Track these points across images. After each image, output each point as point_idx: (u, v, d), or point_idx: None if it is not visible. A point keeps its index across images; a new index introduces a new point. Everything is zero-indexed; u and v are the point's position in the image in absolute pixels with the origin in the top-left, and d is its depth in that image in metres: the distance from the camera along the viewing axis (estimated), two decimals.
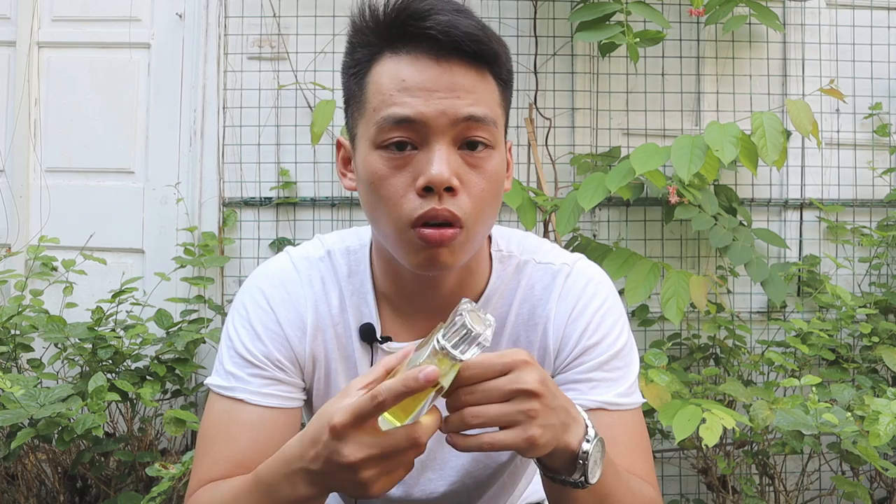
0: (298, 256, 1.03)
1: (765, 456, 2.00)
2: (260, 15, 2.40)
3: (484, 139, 0.87)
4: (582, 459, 0.79)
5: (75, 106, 2.45)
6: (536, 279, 1.01)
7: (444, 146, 0.85)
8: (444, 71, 0.85)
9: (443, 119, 0.85)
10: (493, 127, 0.87)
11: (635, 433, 0.97)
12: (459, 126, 0.85)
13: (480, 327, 0.72)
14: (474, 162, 0.87)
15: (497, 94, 0.90)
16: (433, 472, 1.04)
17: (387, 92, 0.86)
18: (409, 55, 0.86)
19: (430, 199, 0.85)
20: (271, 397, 0.96)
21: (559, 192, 2.35)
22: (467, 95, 0.85)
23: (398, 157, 0.86)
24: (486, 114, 0.87)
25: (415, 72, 0.85)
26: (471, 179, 0.87)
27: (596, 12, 2.11)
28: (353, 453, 0.72)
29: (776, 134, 1.94)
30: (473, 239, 0.89)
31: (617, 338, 0.98)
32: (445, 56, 0.85)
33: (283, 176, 2.39)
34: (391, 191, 0.87)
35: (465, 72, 0.86)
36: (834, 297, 2.09)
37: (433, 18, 0.85)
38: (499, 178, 0.90)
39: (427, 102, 0.85)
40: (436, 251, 0.86)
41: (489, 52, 0.87)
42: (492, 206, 0.90)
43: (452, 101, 0.85)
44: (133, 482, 2.03)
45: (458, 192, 0.86)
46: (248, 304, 1.00)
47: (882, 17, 2.47)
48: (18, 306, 2.07)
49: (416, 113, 0.85)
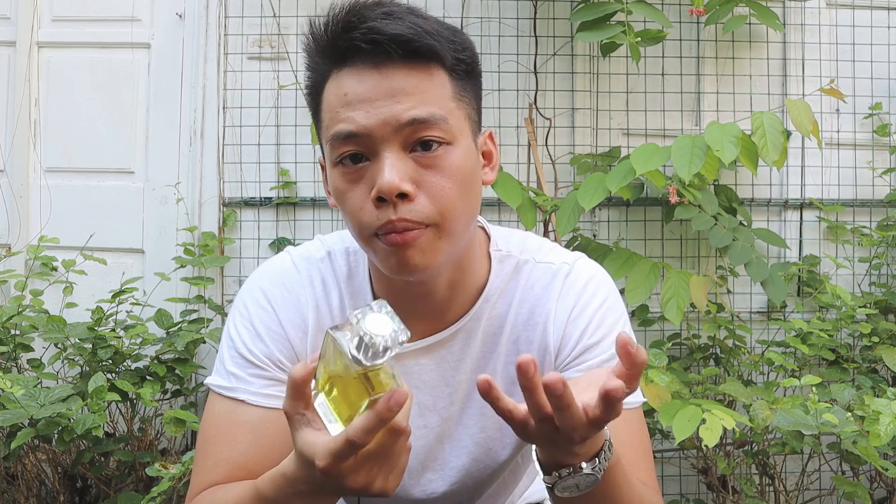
0: (299, 256, 1.02)
1: (765, 456, 2.00)
2: (260, 15, 2.39)
3: (436, 137, 0.86)
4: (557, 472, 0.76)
5: (75, 106, 2.45)
6: (536, 278, 1.00)
7: (393, 153, 0.85)
8: (384, 77, 0.85)
9: (386, 128, 0.84)
10: (443, 123, 0.86)
11: (636, 433, 0.97)
12: (405, 131, 0.85)
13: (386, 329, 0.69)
14: (429, 162, 0.86)
15: (448, 87, 0.88)
16: (433, 473, 1.04)
17: (333, 109, 0.87)
18: (351, 68, 0.86)
19: (386, 210, 0.85)
20: (272, 398, 0.96)
21: (559, 192, 2.35)
22: (408, 98, 0.84)
23: (353, 171, 0.87)
24: (433, 112, 0.85)
25: (356, 84, 0.86)
26: (428, 180, 0.86)
27: (596, 12, 2.10)
28: (355, 480, 0.73)
29: (776, 134, 1.94)
30: (449, 237, 0.88)
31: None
32: (382, 62, 0.85)
33: (283, 176, 2.39)
34: (351, 204, 0.88)
35: (404, 74, 0.85)
36: (834, 297, 2.09)
37: (360, 28, 0.84)
38: (462, 172, 0.88)
39: (368, 114, 0.84)
40: (404, 254, 0.86)
41: (424, 49, 0.85)
42: (462, 201, 0.88)
43: (392, 108, 0.84)
44: (133, 482, 2.03)
45: (413, 196, 0.85)
46: (250, 304, 1.00)
47: (882, 17, 2.47)
48: (18, 306, 2.07)
49: (358, 126, 0.85)
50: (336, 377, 0.73)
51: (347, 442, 0.69)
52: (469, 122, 0.91)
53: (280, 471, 0.79)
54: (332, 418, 0.75)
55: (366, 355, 0.68)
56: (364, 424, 0.69)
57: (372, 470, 0.73)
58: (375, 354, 0.68)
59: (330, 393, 0.75)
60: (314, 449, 0.72)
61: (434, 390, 1.00)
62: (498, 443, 1.02)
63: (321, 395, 0.75)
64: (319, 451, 0.72)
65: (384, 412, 0.68)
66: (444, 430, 1.02)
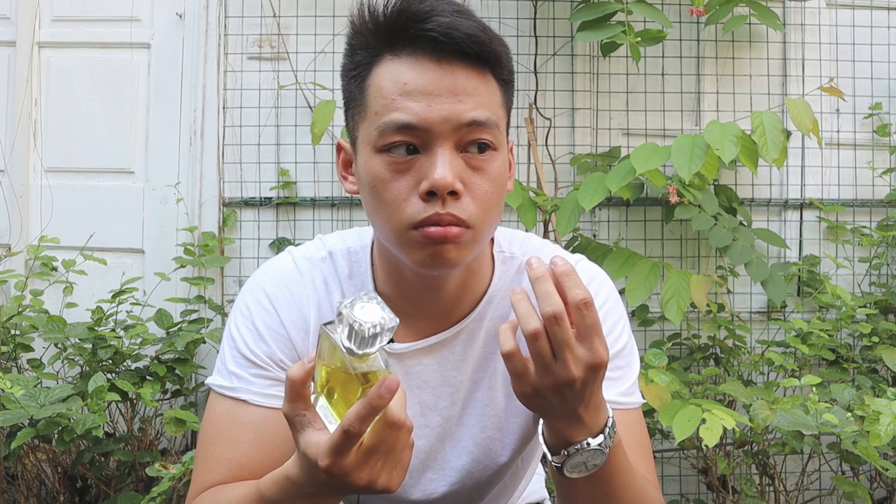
0: (300, 257, 1.02)
1: (765, 456, 2.00)
2: (260, 15, 2.40)
3: (487, 142, 0.86)
4: (568, 451, 0.80)
5: (75, 106, 2.45)
6: None
7: (447, 150, 0.84)
8: (446, 73, 0.84)
9: (446, 124, 0.84)
10: (495, 129, 0.87)
11: (636, 432, 0.97)
12: (462, 130, 0.85)
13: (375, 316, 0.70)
14: (478, 164, 0.86)
15: (499, 95, 0.89)
16: (433, 473, 1.04)
17: (388, 96, 0.85)
18: (410, 57, 0.85)
19: (434, 204, 0.84)
20: (274, 398, 0.95)
21: (559, 192, 2.35)
22: (469, 99, 0.85)
23: (400, 161, 0.86)
24: (489, 117, 0.86)
25: (416, 75, 0.84)
26: (474, 182, 0.86)
27: (597, 12, 2.11)
28: (359, 476, 0.73)
29: (776, 132, 1.94)
30: (480, 239, 0.89)
31: (618, 337, 0.98)
32: (447, 58, 0.84)
33: (283, 176, 2.39)
34: (393, 194, 0.86)
35: (466, 74, 0.85)
36: (834, 297, 2.09)
37: (434, 20, 0.84)
38: (502, 179, 0.89)
39: (429, 107, 0.84)
40: (440, 248, 0.86)
41: (491, 53, 0.86)
42: (497, 207, 0.90)
43: (454, 106, 0.84)
44: (133, 482, 2.03)
45: (461, 195, 0.85)
46: (251, 304, 0.99)
47: (882, 17, 2.47)
48: (18, 306, 2.08)
49: (418, 119, 0.84)
50: (333, 376, 0.73)
51: (344, 433, 0.70)
52: (506, 132, 0.93)
53: (283, 473, 0.79)
54: (332, 420, 0.75)
55: (357, 343, 0.69)
56: (357, 412, 0.70)
57: (375, 466, 0.73)
58: (365, 341, 0.69)
59: (330, 396, 0.75)
60: (317, 450, 0.73)
61: (436, 390, 1.00)
62: (498, 443, 1.02)
63: (321, 399, 0.75)
64: (321, 451, 0.72)
65: (375, 398, 0.69)
66: (445, 430, 1.02)
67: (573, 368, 0.75)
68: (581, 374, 0.76)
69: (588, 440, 0.79)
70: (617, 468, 0.84)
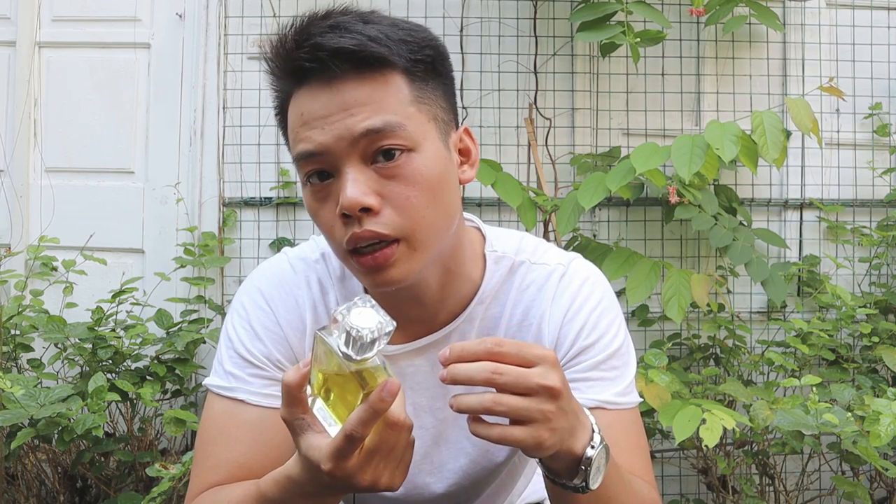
0: (296, 257, 1.02)
1: (765, 456, 2.00)
2: (260, 15, 2.40)
3: (395, 145, 0.83)
4: (585, 465, 0.77)
5: (75, 106, 2.45)
6: (531, 280, 0.99)
7: (353, 168, 0.83)
8: (335, 93, 0.83)
9: (341, 143, 0.83)
10: (400, 130, 0.83)
11: (633, 433, 0.97)
12: (361, 143, 0.83)
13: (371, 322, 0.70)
14: (391, 172, 0.84)
15: (405, 91, 0.85)
16: (430, 476, 1.03)
17: (294, 130, 0.86)
18: (307, 87, 0.85)
19: (351, 225, 0.84)
20: (272, 398, 0.95)
21: (559, 192, 2.35)
22: (361, 109, 0.83)
23: (321, 189, 0.86)
24: (387, 120, 0.83)
25: (311, 102, 0.85)
26: (392, 191, 0.84)
27: (597, 12, 2.11)
28: (361, 478, 0.73)
29: (776, 132, 1.94)
30: (421, 246, 0.86)
31: (614, 337, 0.97)
32: (333, 78, 0.83)
33: (283, 176, 2.39)
34: (323, 222, 0.87)
35: (355, 86, 0.83)
36: (834, 297, 2.09)
37: (304, 46, 0.83)
38: (429, 178, 0.85)
39: (323, 130, 0.83)
40: (379, 273, 0.86)
41: (370, 57, 0.83)
42: (431, 208, 0.86)
43: (345, 121, 0.83)
44: (133, 482, 2.03)
45: (378, 209, 0.83)
46: (248, 305, 0.99)
47: (882, 17, 2.47)
48: (18, 306, 2.08)
49: (315, 145, 0.84)
50: (331, 378, 0.73)
51: (346, 437, 0.70)
52: (435, 123, 0.88)
53: (285, 472, 0.79)
54: (331, 422, 0.75)
55: (355, 349, 0.69)
56: (359, 416, 0.69)
57: (378, 467, 0.73)
58: (364, 347, 0.69)
59: (327, 397, 0.75)
60: (319, 453, 0.73)
61: (429, 391, 1.00)
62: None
63: (319, 401, 0.75)
64: (324, 455, 0.72)
65: (377, 402, 0.69)
66: (439, 432, 1.02)
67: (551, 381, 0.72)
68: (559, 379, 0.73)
69: (592, 440, 0.78)
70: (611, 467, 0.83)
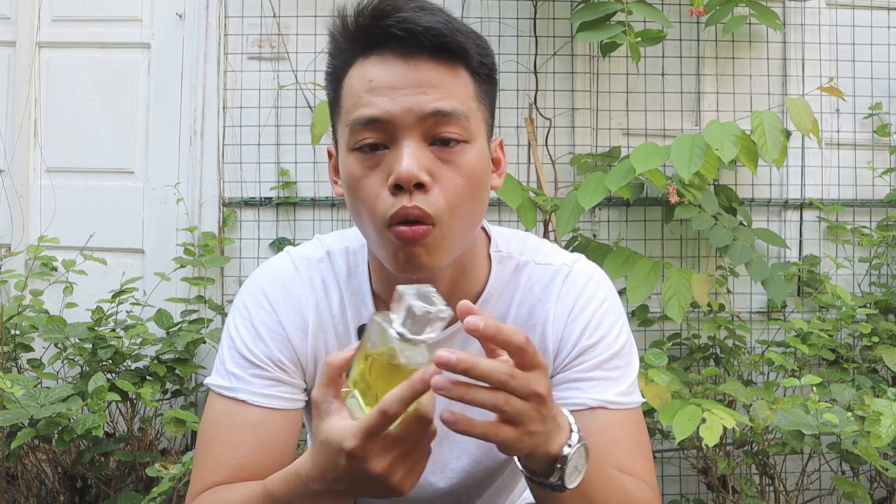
0: (299, 257, 1.02)
1: (765, 456, 2.00)
2: (260, 15, 2.40)
3: (455, 134, 0.86)
4: (560, 464, 0.77)
5: (75, 106, 2.45)
6: (535, 280, 1.00)
7: (413, 142, 0.85)
8: (411, 68, 0.85)
9: (409, 116, 0.84)
10: (464, 121, 0.87)
11: (635, 432, 0.97)
12: (428, 122, 0.85)
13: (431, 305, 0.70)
14: (447, 157, 0.86)
15: (471, 87, 0.89)
16: (433, 475, 1.03)
17: (356, 94, 0.87)
18: (378, 56, 0.87)
19: (401, 197, 0.84)
20: (273, 398, 0.96)
21: (559, 192, 2.35)
22: (434, 91, 0.85)
23: (371, 158, 0.87)
24: (456, 107, 0.86)
25: (382, 72, 0.86)
26: (444, 174, 0.86)
27: (597, 12, 2.11)
28: (378, 464, 0.72)
29: (776, 132, 1.94)
30: (451, 237, 0.88)
31: (616, 337, 0.98)
32: (412, 53, 0.85)
33: (283, 176, 2.39)
34: (366, 191, 0.87)
35: (431, 67, 0.86)
36: (834, 297, 2.09)
37: (394, 17, 0.85)
38: (476, 172, 0.88)
39: (393, 100, 0.85)
40: (412, 250, 0.86)
41: (454, 45, 0.86)
42: (470, 201, 0.88)
43: (418, 98, 0.85)
44: (133, 482, 2.03)
45: (429, 187, 0.85)
46: (250, 305, 0.99)
47: (882, 17, 2.47)
48: (18, 306, 2.08)
49: (382, 112, 0.85)
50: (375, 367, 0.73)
51: (381, 413, 0.69)
52: (485, 126, 0.92)
53: (293, 469, 0.79)
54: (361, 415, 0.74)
55: (411, 326, 0.69)
56: (398, 394, 0.69)
57: (396, 459, 0.72)
58: (420, 324, 0.69)
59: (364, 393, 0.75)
60: (344, 432, 0.72)
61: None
62: None
63: (355, 392, 0.75)
64: (350, 432, 0.71)
65: (418, 382, 0.68)
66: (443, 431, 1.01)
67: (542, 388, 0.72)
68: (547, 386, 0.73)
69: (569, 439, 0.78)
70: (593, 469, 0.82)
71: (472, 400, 0.71)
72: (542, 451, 0.76)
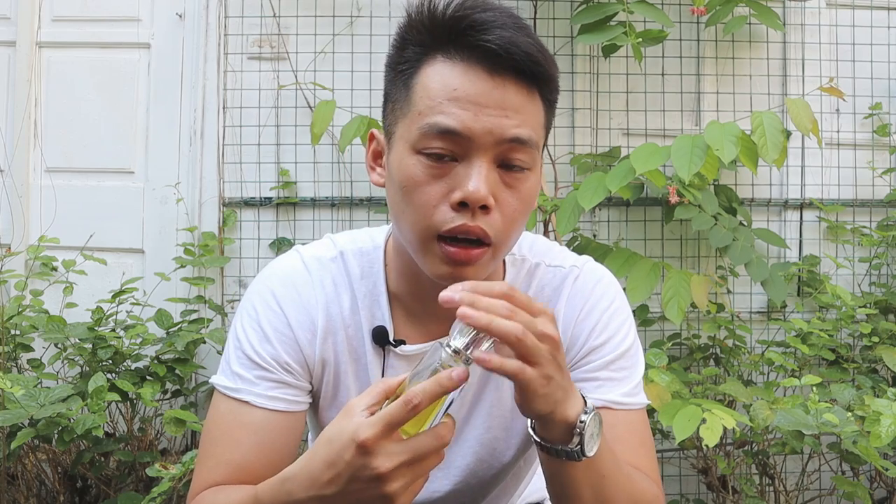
0: (310, 257, 1.01)
1: (765, 456, 2.00)
2: (260, 15, 2.40)
3: (524, 161, 0.86)
4: (579, 429, 0.79)
5: (75, 106, 2.45)
6: (546, 281, 1.01)
7: (486, 163, 0.84)
8: (497, 86, 0.84)
9: (489, 137, 0.83)
10: (534, 150, 0.87)
11: (639, 432, 0.98)
12: (504, 146, 0.84)
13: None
14: (511, 182, 0.86)
15: (542, 115, 0.89)
16: (437, 471, 1.03)
17: (435, 98, 0.84)
18: (464, 63, 0.84)
19: (464, 215, 0.84)
20: (277, 401, 0.95)
21: (559, 192, 2.35)
22: (515, 115, 0.84)
23: (437, 166, 0.85)
24: (531, 136, 0.85)
25: (467, 82, 0.84)
26: (506, 199, 0.86)
27: (598, 14, 2.10)
28: (384, 464, 0.72)
29: (776, 132, 1.94)
30: (499, 257, 0.90)
31: (624, 338, 0.99)
32: (500, 71, 0.83)
33: (283, 176, 2.39)
34: (424, 199, 0.85)
35: (516, 90, 0.84)
36: (834, 297, 2.09)
37: (495, 32, 0.83)
38: (532, 199, 0.90)
39: (476, 118, 0.83)
40: (460, 269, 0.86)
41: (544, 74, 0.86)
42: (522, 226, 0.90)
43: (500, 120, 0.83)
44: (133, 482, 2.03)
45: (491, 210, 0.85)
46: (258, 305, 0.98)
47: (882, 17, 2.47)
48: (18, 306, 2.07)
49: (463, 127, 0.83)
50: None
51: (404, 401, 0.70)
52: (541, 152, 0.92)
53: (281, 475, 0.80)
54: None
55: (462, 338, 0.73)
56: (424, 386, 0.70)
57: (403, 463, 0.72)
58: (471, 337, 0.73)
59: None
60: (360, 423, 0.72)
61: None
62: (503, 443, 1.02)
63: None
64: (368, 422, 0.72)
65: (444, 378, 0.70)
66: None
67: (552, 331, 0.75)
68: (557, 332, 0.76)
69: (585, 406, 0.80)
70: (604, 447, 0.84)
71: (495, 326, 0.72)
72: (559, 416, 0.78)
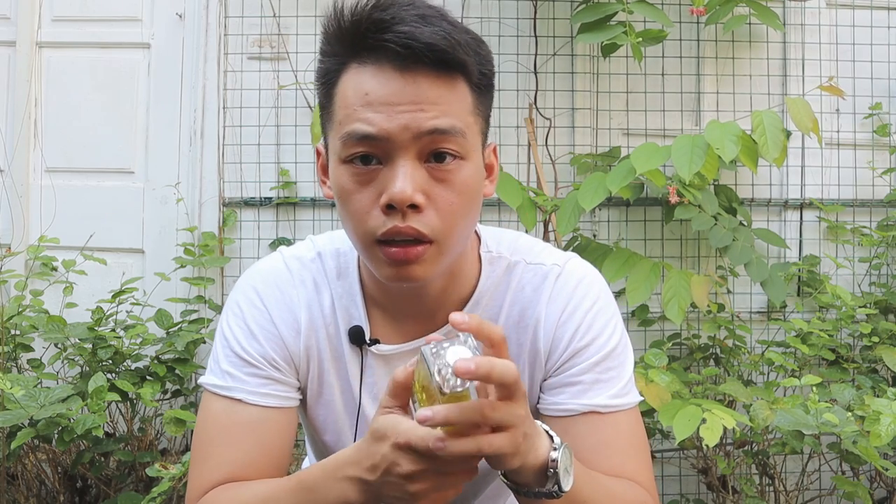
0: (291, 257, 1.02)
1: (765, 456, 2.00)
2: (260, 15, 2.40)
3: (451, 151, 0.84)
4: (552, 468, 0.78)
5: (75, 106, 2.45)
6: (527, 280, 0.99)
7: (408, 161, 0.83)
8: (408, 83, 0.82)
9: (406, 134, 0.82)
10: (461, 137, 0.85)
11: (629, 434, 0.95)
12: (424, 140, 0.83)
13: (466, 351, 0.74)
14: (442, 175, 0.85)
15: (469, 101, 0.87)
16: None
17: (351, 106, 0.84)
18: (374, 66, 0.83)
19: (394, 217, 0.83)
20: (269, 397, 0.96)
21: (559, 192, 2.35)
22: (432, 108, 0.83)
23: (363, 172, 0.85)
24: (453, 125, 0.84)
25: (377, 85, 0.83)
26: (438, 194, 0.85)
27: (597, 13, 2.10)
28: (407, 465, 0.74)
29: (776, 132, 1.94)
30: (447, 252, 0.88)
31: (609, 338, 0.96)
32: (410, 67, 0.82)
33: (283, 176, 2.39)
34: (357, 206, 0.86)
35: (430, 83, 0.83)
36: (834, 297, 2.09)
37: (393, 29, 0.81)
38: (470, 188, 0.87)
39: (390, 118, 0.82)
40: (405, 268, 0.86)
41: (455, 60, 0.83)
42: (465, 217, 0.88)
43: (415, 115, 0.82)
44: (133, 482, 2.03)
45: (423, 208, 0.84)
46: (243, 304, 0.99)
47: (882, 17, 2.47)
48: (18, 306, 2.08)
49: (378, 129, 0.82)
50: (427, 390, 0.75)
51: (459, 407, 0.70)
52: (481, 136, 0.90)
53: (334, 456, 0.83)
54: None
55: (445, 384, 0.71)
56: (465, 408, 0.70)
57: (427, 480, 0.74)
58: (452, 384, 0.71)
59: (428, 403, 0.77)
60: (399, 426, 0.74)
61: None
62: None
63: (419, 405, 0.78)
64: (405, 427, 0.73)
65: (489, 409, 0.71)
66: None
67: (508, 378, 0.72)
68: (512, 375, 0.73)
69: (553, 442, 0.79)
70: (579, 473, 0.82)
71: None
72: (531, 460, 0.77)
